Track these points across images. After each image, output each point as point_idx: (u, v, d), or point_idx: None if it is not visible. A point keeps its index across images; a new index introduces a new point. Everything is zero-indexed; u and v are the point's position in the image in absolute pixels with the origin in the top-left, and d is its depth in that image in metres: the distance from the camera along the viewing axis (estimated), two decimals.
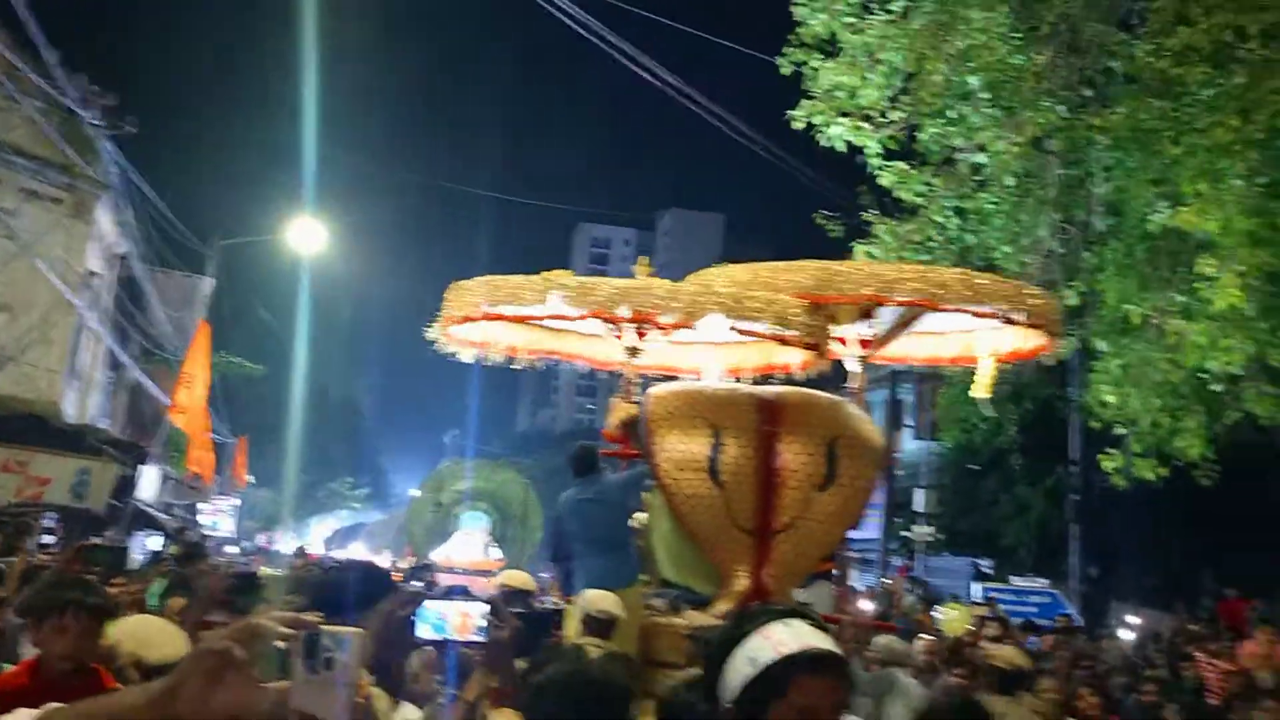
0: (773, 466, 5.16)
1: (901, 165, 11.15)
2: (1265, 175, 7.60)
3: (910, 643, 8.25)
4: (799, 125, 11.23)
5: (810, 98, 11.09)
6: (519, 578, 6.47)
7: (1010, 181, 10.58)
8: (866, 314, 5.68)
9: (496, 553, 14.99)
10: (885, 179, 11.18)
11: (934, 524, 21.23)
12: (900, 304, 5.46)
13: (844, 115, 11.02)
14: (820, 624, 1.99)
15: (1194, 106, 7.77)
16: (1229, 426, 9.30)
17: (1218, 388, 8.70)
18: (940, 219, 11.11)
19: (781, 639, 1.91)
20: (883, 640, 6.25)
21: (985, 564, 21.84)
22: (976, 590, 17.88)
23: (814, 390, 5.61)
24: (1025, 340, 6.06)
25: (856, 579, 22.89)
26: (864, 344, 5.84)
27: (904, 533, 21.96)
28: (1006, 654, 5.59)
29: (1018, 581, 18.01)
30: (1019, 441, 19.60)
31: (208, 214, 26.60)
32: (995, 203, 10.78)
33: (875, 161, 11.18)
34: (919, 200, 11.22)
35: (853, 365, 5.90)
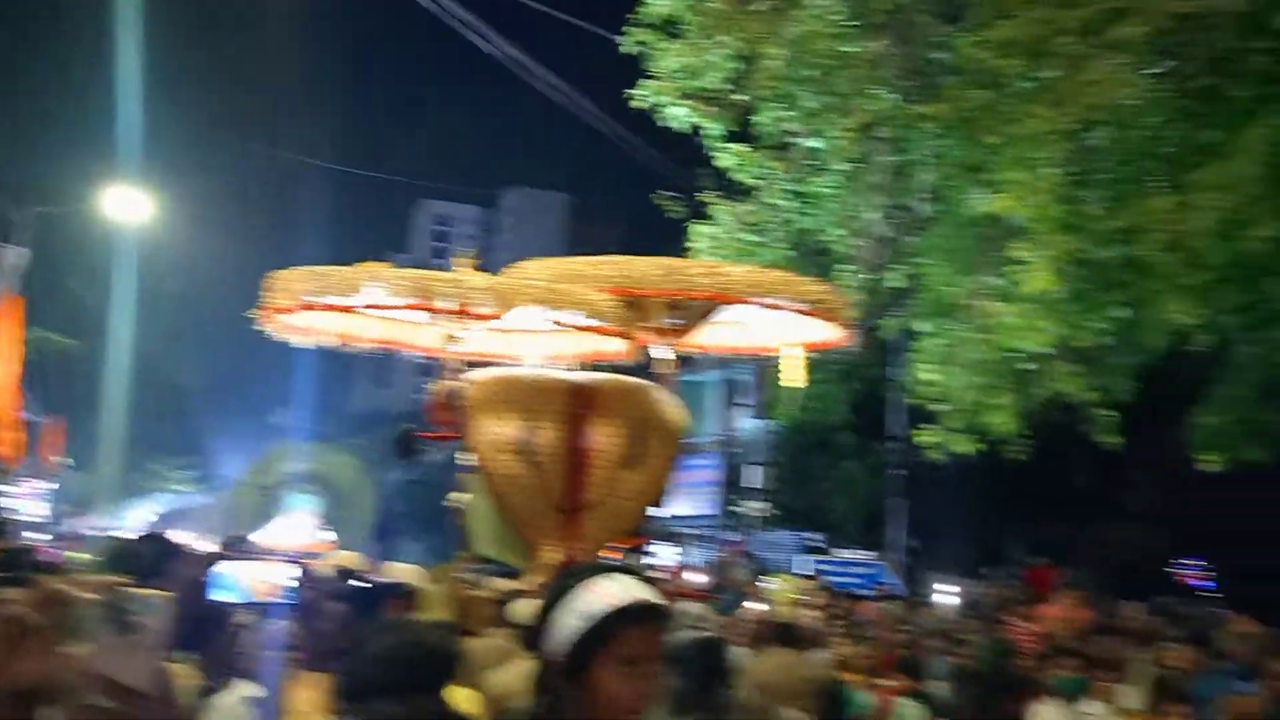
0: (583, 448, 5.48)
1: (740, 148, 11.35)
2: (1076, 165, 8.04)
3: (735, 612, 8.54)
4: (641, 105, 11.30)
5: (653, 78, 11.17)
6: (347, 558, 6.42)
7: (843, 167, 10.90)
8: (674, 306, 5.91)
9: (327, 535, 14.68)
10: (723, 161, 11.36)
11: (768, 500, 21.83)
12: (693, 297, 5.76)
13: (686, 96, 11.14)
14: (646, 579, 2.09)
15: (1013, 97, 8.16)
16: (1040, 405, 9.84)
17: (1030, 367, 9.21)
18: (776, 202, 11.37)
19: (610, 592, 2.01)
20: (687, 607, 6.65)
21: (815, 538, 22.61)
22: (805, 563, 18.47)
23: (624, 376, 5.87)
24: (822, 332, 6.37)
25: (694, 553, 23.37)
26: (673, 333, 6.10)
27: (737, 508, 22.52)
28: (783, 613, 6.06)
29: (844, 554, 18.71)
30: (850, 420, 20.34)
31: (20, 180, 24.94)
32: (829, 187, 11.10)
33: (715, 143, 11.35)
34: (757, 183, 11.46)
35: (662, 353, 6.13)
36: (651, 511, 6.08)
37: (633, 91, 11.28)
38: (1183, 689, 6.33)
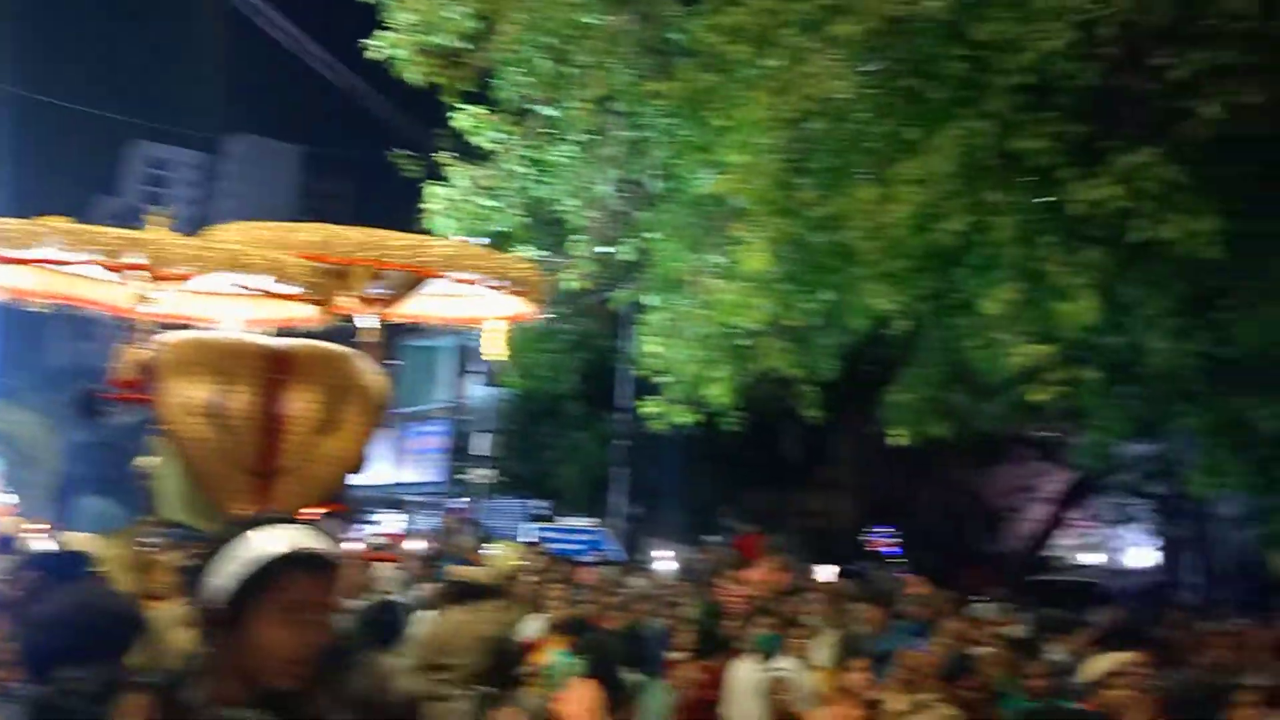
0: (277, 413, 5.44)
1: (478, 110, 11.19)
2: (793, 152, 8.45)
3: None
4: (376, 57, 10.92)
5: (390, 29, 10.82)
6: (6, 524, 6.01)
7: (579, 138, 10.97)
8: (379, 275, 5.90)
9: (7, 498, 13.48)
10: (460, 122, 11.17)
11: (496, 467, 21.88)
12: (390, 268, 5.82)
13: (423, 52, 10.85)
14: (317, 532, 2.09)
15: (739, 83, 8.47)
16: (754, 379, 10.33)
17: (745, 342, 9.65)
18: (513, 168, 11.30)
19: (274, 538, 2.01)
20: (379, 571, 6.75)
21: (541, 505, 22.91)
22: (530, 530, 18.69)
23: (323, 343, 5.83)
24: (523, 306, 6.56)
25: (420, 520, 23.12)
26: (380, 302, 6.11)
27: (464, 475, 22.48)
28: (465, 571, 6.34)
29: (568, 522, 19.06)
30: (580, 389, 20.66)
31: None
32: (565, 157, 11.14)
33: (453, 103, 11.14)
34: (494, 147, 11.34)
35: (367, 322, 6.14)
36: (351, 478, 6.05)
37: (368, 42, 10.88)
38: (865, 646, 6.89)
